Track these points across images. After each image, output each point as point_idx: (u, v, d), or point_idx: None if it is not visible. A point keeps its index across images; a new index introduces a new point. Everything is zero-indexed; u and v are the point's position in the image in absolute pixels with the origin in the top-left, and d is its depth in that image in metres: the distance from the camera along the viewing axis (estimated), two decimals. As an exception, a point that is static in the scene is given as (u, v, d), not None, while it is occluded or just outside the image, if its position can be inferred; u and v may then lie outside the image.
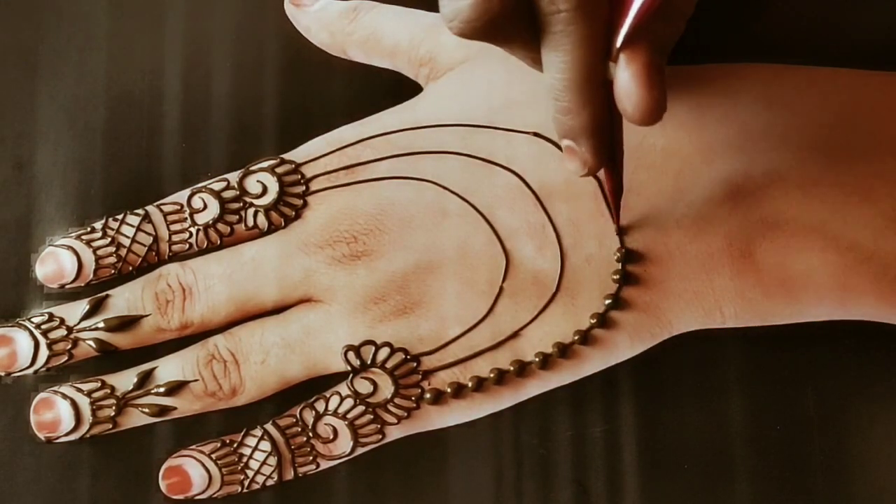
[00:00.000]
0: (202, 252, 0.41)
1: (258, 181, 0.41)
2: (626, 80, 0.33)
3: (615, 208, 0.39)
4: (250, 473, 0.40)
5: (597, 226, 0.39)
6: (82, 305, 0.40)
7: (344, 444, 0.40)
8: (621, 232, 0.39)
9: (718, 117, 0.40)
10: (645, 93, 0.32)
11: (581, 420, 0.41)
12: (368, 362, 0.39)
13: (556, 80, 0.33)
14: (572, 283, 0.39)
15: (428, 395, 0.39)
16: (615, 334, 0.39)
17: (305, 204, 0.41)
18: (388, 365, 0.39)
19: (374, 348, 0.39)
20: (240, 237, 0.41)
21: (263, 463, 0.40)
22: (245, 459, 0.40)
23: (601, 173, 0.37)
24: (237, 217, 0.41)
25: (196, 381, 0.40)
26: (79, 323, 0.40)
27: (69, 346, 0.40)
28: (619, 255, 0.39)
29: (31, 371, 0.40)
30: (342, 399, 0.40)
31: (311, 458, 0.40)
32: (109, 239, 0.41)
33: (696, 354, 0.41)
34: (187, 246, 0.41)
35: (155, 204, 0.41)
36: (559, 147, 0.40)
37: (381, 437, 0.40)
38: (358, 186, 0.41)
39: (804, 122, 0.39)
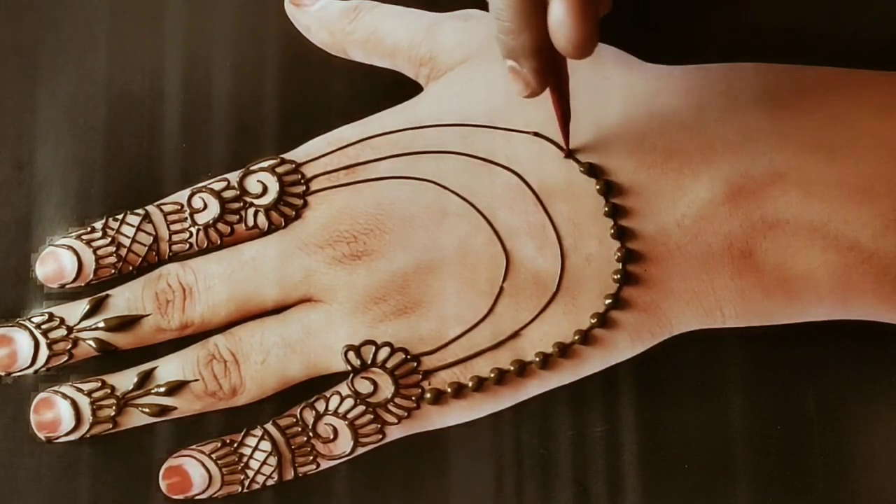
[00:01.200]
0: (202, 252, 0.41)
1: (258, 181, 0.41)
2: (561, 12, 0.33)
3: (564, 134, 0.39)
4: (250, 473, 0.40)
5: (597, 226, 0.39)
6: (82, 305, 0.40)
7: (344, 443, 0.40)
8: (571, 155, 0.40)
9: (718, 117, 0.40)
10: (578, 25, 0.33)
11: (581, 420, 0.41)
12: (369, 362, 0.39)
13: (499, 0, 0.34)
14: (572, 282, 0.39)
15: (428, 395, 0.39)
16: (615, 334, 0.39)
17: (306, 204, 0.41)
18: (389, 365, 0.39)
19: (374, 348, 0.39)
20: (240, 237, 0.41)
21: (263, 463, 0.40)
22: (245, 459, 0.40)
23: (549, 99, 0.38)
24: (237, 217, 0.41)
25: (196, 380, 0.40)
26: (79, 323, 0.40)
27: (69, 346, 0.40)
28: (619, 254, 0.39)
29: (31, 371, 0.40)
30: (342, 399, 0.40)
31: (311, 457, 0.40)
32: (109, 239, 0.41)
33: (696, 354, 0.41)
34: (187, 246, 0.41)
35: (155, 204, 0.41)
36: (560, 147, 0.40)
37: (381, 436, 0.40)
38: (358, 186, 0.41)
39: (804, 122, 0.39)
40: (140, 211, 0.41)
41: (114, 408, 0.40)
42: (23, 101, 0.43)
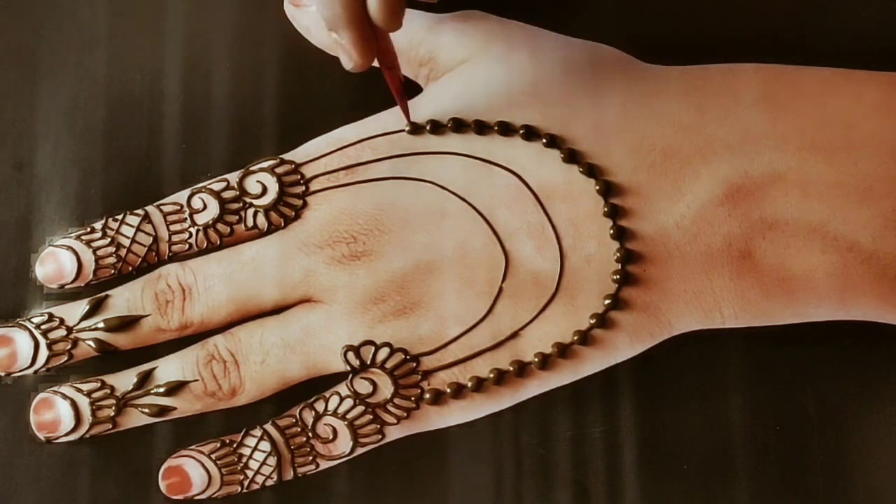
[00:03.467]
0: (202, 252, 0.41)
1: (258, 181, 0.41)
2: None
3: (402, 108, 0.40)
4: (250, 473, 0.40)
5: (596, 226, 0.39)
6: (82, 305, 0.40)
7: (343, 444, 0.40)
8: (412, 126, 0.41)
9: (718, 117, 0.40)
10: None
11: (581, 420, 0.41)
12: (368, 362, 0.39)
13: None
14: (572, 283, 0.39)
15: (427, 396, 0.39)
16: (615, 334, 0.39)
17: (305, 204, 0.41)
18: (388, 365, 0.39)
19: (373, 348, 0.39)
20: (239, 237, 0.41)
21: (263, 463, 0.40)
22: (245, 459, 0.40)
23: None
24: (237, 217, 0.41)
25: (196, 381, 0.40)
26: (79, 323, 0.40)
27: (69, 346, 0.40)
28: (618, 255, 0.39)
29: (31, 371, 0.40)
30: (342, 399, 0.40)
31: (310, 458, 0.40)
32: (109, 239, 0.41)
33: (696, 354, 0.41)
34: (187, 246, 0.41)
35: (155, 204, 0.41)
36: (560, 148, 0.40)
37: (380, 437, 0.40)
38: (358, 186, 0.41)
39: (804, 122, 0.39)
40: (140, 211, 0.41)
41: (113, 408, 0.40)
42: (23, 101, 0.43)
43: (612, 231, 0.39)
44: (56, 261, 0.41)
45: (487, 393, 0.40)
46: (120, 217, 0.41)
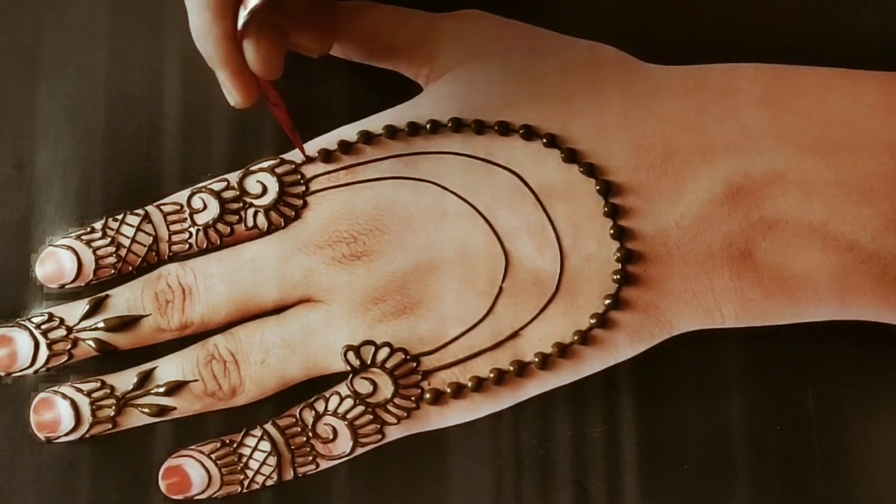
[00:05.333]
0: (202, 252, 0.41)
1: (258, 181, 0.41)
2: (240, 21, 0.35)
3: (296, 143, 0.40)
4: (250, 473, 0.40)
5: (597, 226, 0.39)
6: (82, 305, 0.40)
7: (344, 444, 0.40)
8: (308, 158, 0.41)
9: (718, 117, 0.40)
10: (254, 41, 0.35)
11: (581, 420, 0.41)
12: (368, 362, 0.39)
13: (187, 4, 0.35)
14: (572, 283, 0.39)
15: (428, 396, 0.39)
16: (615, 334, 0.39)
17: (305, 204, 0.41)
18: (388, 365, 0.39)
19: (373, 348, 0.39)
20: (240, 237, 0.41)
21: (263, 463, 0.40)
22: (245, 459, 0.40)
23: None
24: (237, 217, 0.41)
25: (196, 381, 0.40)
26: (79, 323, 0.40)
27: (69, 346, 0.40)
28: (618, 255, 0.39)
29: (31, 371, 0.41)
30: (342, 399, 0.40)
31: (310, 458, 0.40)
32: (109, 239, 0.41)
33: (696, 354, 0.41)
34: (187, 246, 0.41)
35: (155, 204, 0.41)
36: (559, 148, 0.40)
37: (380, 437, 0.40)
38: (358, 186, 0.41)
39: (804, 122, 0.39)
40: (140, 211, 0.41)
41: (113, 408, 0.40)
42: (23, 101, 0.43)
43: (612, 231, 0.39)
44: (56, 261, 0.41)
45: (487, 393, 0.40)
46: (120, 217, 0.41)
